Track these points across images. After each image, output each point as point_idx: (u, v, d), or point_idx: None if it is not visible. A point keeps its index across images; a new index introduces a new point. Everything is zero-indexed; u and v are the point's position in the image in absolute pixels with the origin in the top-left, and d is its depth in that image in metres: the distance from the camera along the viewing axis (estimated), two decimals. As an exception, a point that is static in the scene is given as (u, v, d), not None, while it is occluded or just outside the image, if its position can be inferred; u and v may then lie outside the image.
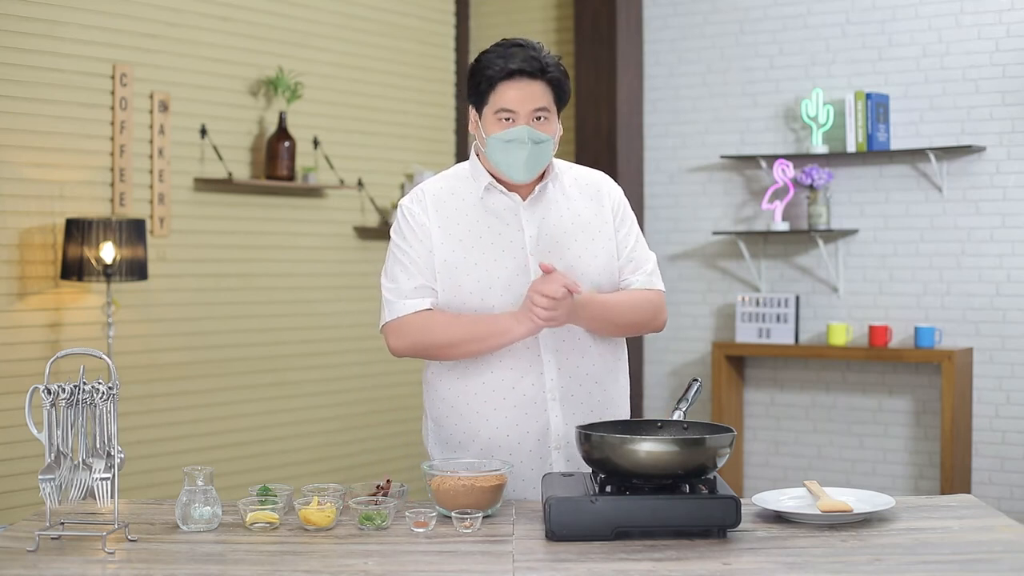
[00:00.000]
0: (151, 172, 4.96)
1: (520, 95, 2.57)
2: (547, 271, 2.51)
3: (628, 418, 2.74)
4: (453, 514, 2.31)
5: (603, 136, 6.09)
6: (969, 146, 5.32)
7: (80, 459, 2.27)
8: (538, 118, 2.59)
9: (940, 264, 5.51)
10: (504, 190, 2.67)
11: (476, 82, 2.62)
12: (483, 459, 2.56)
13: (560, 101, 2.64)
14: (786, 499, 2.44)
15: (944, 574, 1.99)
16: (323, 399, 5.72)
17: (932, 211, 5.52)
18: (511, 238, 2.65)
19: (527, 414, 2.65)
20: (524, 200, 2.68)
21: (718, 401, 5.81)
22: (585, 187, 2.75)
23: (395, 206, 6.01)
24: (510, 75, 2.57)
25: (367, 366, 5.87)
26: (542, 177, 2.69)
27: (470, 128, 2.70)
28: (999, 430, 5.38)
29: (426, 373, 2.77)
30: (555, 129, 2.64)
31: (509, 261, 2.64)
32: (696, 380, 2.58)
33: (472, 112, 2.68)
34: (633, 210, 2.85)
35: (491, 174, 2.68)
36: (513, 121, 2.58)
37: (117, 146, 4.81)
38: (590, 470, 2.45)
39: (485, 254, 2.64)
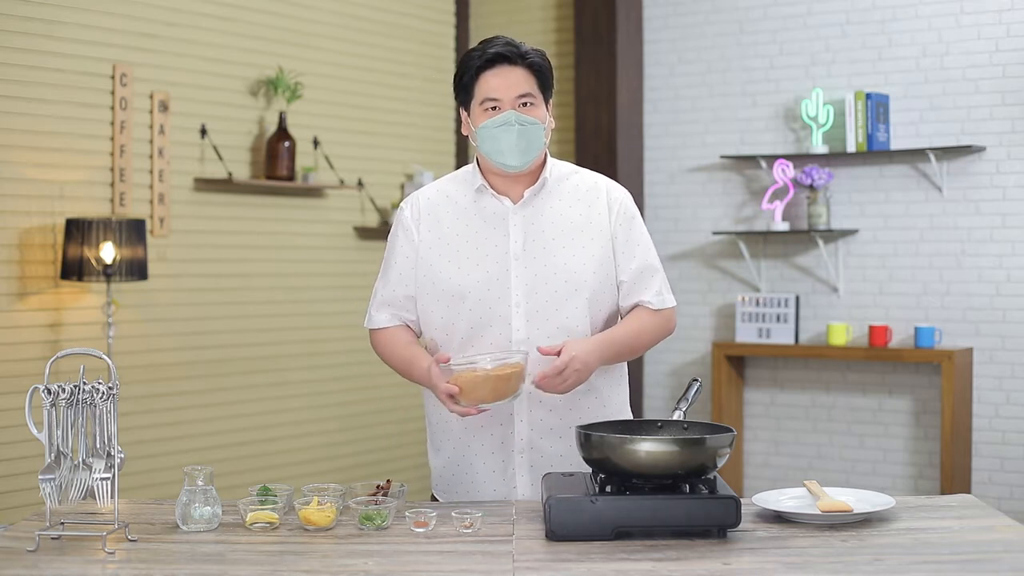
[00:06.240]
0: (151, 172, 4.96)
1: (502, 82, 2.61)
2: (545, 353, 2.53)
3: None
4: (453, 514, 2.31)
5: (603, 136, 6.08)
6: (969, 146, 5.32)
7: (80, 459, 2.27)
8: (524, 104, 2.62)
9: (940, 264, 5.51)
10: (495, 194, 2.68)
11: (460, 76, 2.66)
12: (500, 352, 2.57)
13: (545, 89, 2.66)
14: (786, 499, 2.44)
15: (944, 574, 1.99)
16: (323, 399, 5.72)
17: (932, 211, 5.52)
18: (496, 242, 2.66)
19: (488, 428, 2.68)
20: (515, 204, 2.68)
21: (718, 401, 5.81)
22: (586, 192, 2.72)
23: (395, 206, 6.02)
24: (490, 62, 2.61)
25: (367, 366, 5.85)
26: (534, 181, 2.69)
27: (463, 130, 2.73)
28: (999, 430, 5.38)
29: None
30: (543, 116, 2.65)
31: (491, 265, 2.65)
32: (696, 380, 2.58)
33: (462, 113, 2.71)
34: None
35: (485, 177, 2.69)
36: (499, 109, 2.61)
37: (117, 146, 4.81)
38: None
39: (470, 258, 2.66)
